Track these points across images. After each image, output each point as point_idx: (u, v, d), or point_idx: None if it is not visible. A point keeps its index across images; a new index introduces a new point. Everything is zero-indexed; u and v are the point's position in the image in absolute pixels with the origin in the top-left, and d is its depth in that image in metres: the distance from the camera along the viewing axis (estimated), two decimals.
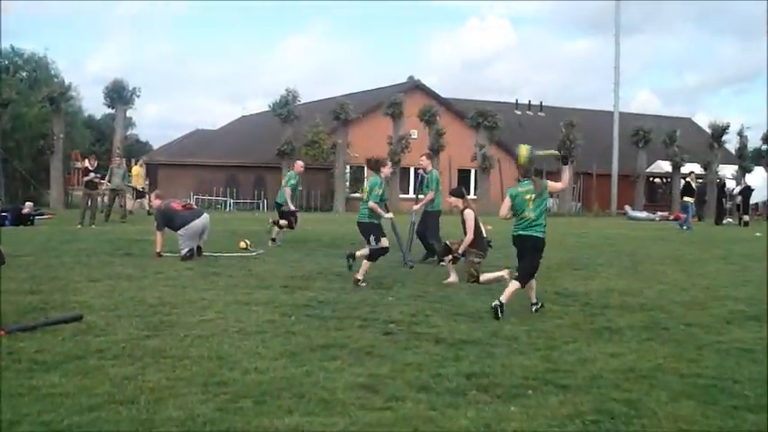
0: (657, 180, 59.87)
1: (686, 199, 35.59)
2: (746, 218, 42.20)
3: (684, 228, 34.18)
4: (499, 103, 61.36)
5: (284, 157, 44.61)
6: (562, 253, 19.82)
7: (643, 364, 8.50)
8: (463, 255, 14.40)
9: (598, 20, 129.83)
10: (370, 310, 11.36)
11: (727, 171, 53.92)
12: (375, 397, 7.05)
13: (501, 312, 10.91)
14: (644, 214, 46.41)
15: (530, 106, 67.38)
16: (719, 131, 56.34)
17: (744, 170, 54.61)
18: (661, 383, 7.72)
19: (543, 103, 68.26)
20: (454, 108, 53.34)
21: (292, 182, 21.33)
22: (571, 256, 18.06)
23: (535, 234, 11.66)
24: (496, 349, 9.05)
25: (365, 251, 14.63)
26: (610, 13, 53.84)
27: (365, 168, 13.93)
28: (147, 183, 30.31)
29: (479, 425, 6.40)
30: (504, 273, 13.74)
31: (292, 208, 21.51)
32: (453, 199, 15.07)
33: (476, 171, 49.56)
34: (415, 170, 49.09)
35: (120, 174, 31.14)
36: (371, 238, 14.29)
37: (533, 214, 11.70)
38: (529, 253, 11.72)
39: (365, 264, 14.30)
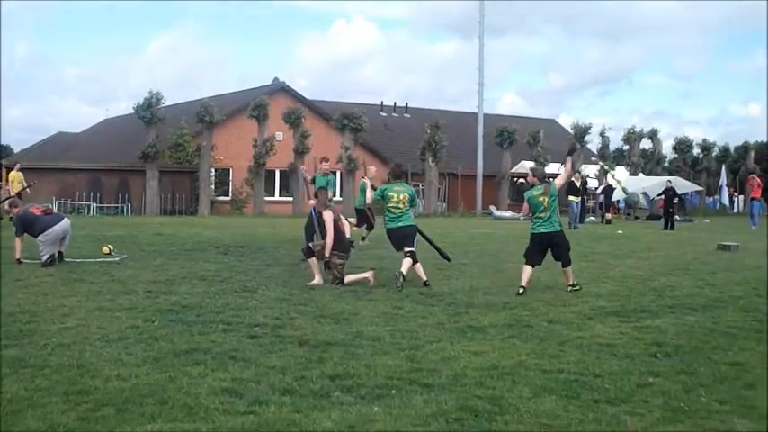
0: (522, 180, 60.67)
1: (571, 198, 36.26)
2: (608, 216, 43.16)
3: (573, 227, 34.71)
4: (365, 105, 61.46)
5: (148, 159, 43.97)
6: (427, 253, 19.88)
7: (506, 362, 8.64)
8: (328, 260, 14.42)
9: (465, 22, 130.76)
10: (234, 313, 11.29)
11: (590, 171, 55.01)
12: (238, 401, 7.01)
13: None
14: (508, 214, 46.91)
15: (395, 108, 67.63)
16: (582, 132, 57.49)
17: (605, 170, 55.78)
18: (523, 380, 7.87)
19: (409, 105, 68.63)
20: (320, 110, 53.26)
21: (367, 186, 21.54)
22: (436, 256, 18.13)
23: (553, 229, 14.46)
24: (360, 350, 9.11)
25: (409, 259, 14.82)
26: (476, 15, 54.00)
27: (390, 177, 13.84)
28: (27, 186, 29.32)
29: (343, 426, 6.42)
30: (368, 274, 13.84)
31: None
32: (313, 201, 15.25)
33: (341, 173, 49.52)
34: (281, 172, 49.18)
35: None
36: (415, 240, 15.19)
37: (548, 212, 14.29)
38: (554, 246, 14.55)
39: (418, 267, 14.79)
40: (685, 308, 12.58)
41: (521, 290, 13.74)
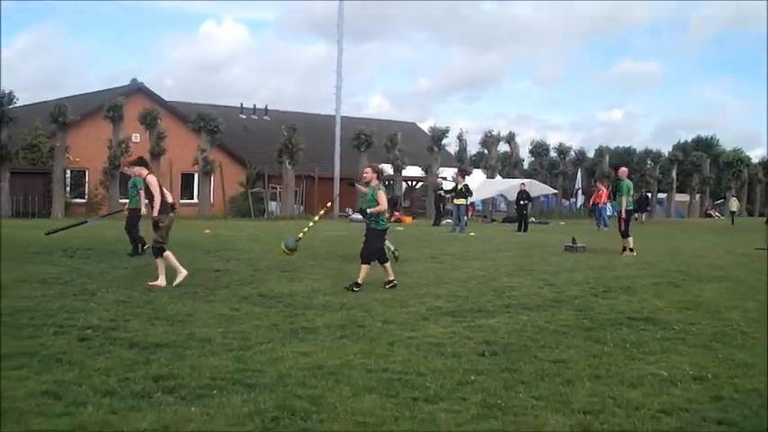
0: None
1: (457, 201, 36.67)
2: (465, 219, 43.61)
3: (457, 230, 35.17)
4: (225, 107, 61.20)
5: (1, 162, 42.96)
6: (273, 255, 19.87)
7: (333, 361, 8.68)
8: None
9: (331, 25, 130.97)
10: (68, 316, 11.07)
11: (448, 174, 55.59)
12: (57, 403, 6.92)
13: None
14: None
15: (255, 110, 67.35)
16: (439, 135, 58.01)
17: (463, 173, 56.42)
18: (346, 379, 7.92)
19: (269, 108, 68.37)
20: (177, 112, 52.72)
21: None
22: (283, 258, 18.12)
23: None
24: (189, 351, 9.05)
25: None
26: (346, 18, 54.06)
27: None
28: None
29: (157, 426, 6.40)
30: (181, 276, 13.96)
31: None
32: (136, 168, 15.37)
33: (198, 175, 49.14)
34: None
35: None
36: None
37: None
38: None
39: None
40: (521, 307, 12.80)
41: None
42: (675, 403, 7.38)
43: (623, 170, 24.84)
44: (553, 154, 68.51)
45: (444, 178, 53.97)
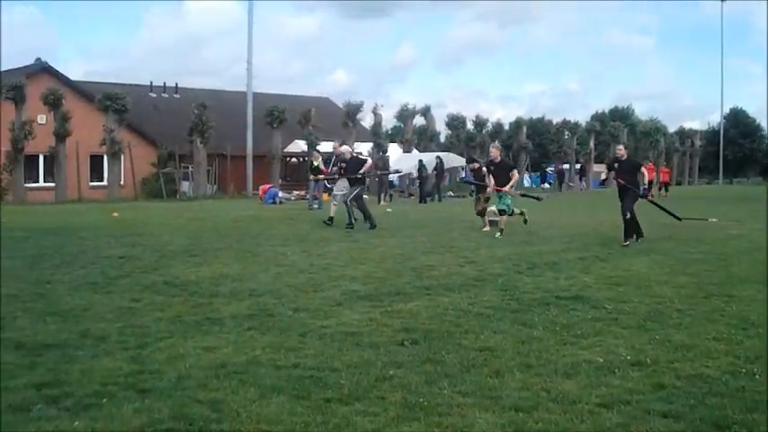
0: (294, 160, 60.02)
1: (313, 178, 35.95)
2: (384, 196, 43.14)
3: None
4: (133, 85, 59.74)
5: None
6: (181, 239, 19.07)
7: (238, 358, 7.94)
8: None
9: None
10: None
11: (363, 149, 55.06)
12: None
13: None
14: (280, 194, 46.27)
15: (165, 88, 65.97)
16: (354, 110, 57.33)
17: (379, 147, 55.91)
18: (252, 379, 7.18)
19: (179, 85, 67.04)
20: (83, 90, 51.23)
21: None
22: (191, 242, 17.36)
23: None
24: (80, 352, 8.21)
25: None
26: None
27: None
28: None
29: None
30: None
31: None
32: None
33: (106, 156, 47.87)
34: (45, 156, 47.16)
35: None
36: None
37: None
38: None
39: None
40: (442, 288, 12.18)
41: None
42: (615, 394, 6.75)
43: None
44: (470, 126, 68.20)
45: (360, 153, 53.35)
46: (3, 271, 13.90)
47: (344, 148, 24.92)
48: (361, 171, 23.28)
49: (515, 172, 22.22)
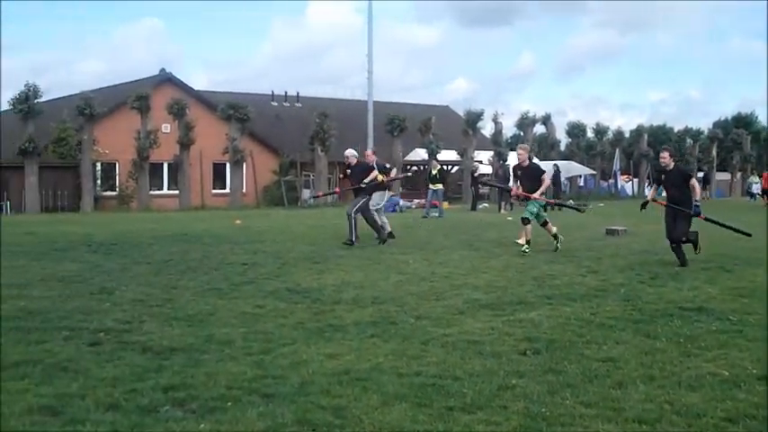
0: (414, 168, 60.21)
1: (433, 187, 36.00)
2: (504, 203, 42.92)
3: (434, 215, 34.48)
4: (255, 94, 60.53)
5: (26, 155, 42.54)
6: (303, 246, 19.29)
7: (361, 365, 7.96)
8: None
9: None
10: (82, 318, 10.39)
11: (483, 157, 54.98)
12: (52, 421, 6.27)
13: None
14: (400, 202, 46.36)
15: (286, 97, 66.69)
16: (474, 118, 57.26)
17: (499, 156, 55.76)
18: (375, 386, 7.19)
19: (300, 94, 67.71)
20: (206, 100, 52.15)
21: None
22: (312, 249, 17.53)
23: None
24: (206, 356, 8.35)
25: None
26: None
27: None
28: None
29: None
30: None
31: None
32: None
33: (229, 164, 48.67)
34: (169, 164, 48.05)
35: None
36: None
37: None
38: None
39: None
40: (564, 298, 12.06)
41: None
42: (741, 409, 6.60)
43: None
44: (590, 134, 67.59)
45: (480, 161, 53.28)
46: (131, 276, 14.29)
47: (349, 151, 22.06)
48: (366, 181, 20.89)
49: (545, 177, 19.36)
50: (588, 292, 12.69)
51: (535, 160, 56.78)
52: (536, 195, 18.81)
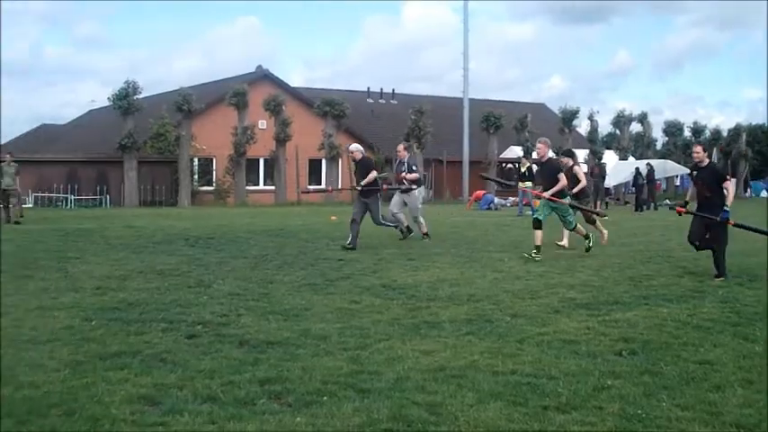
0: (510, 166, 59.98)
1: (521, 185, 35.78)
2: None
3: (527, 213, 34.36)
4: (350, 91, 60.78)
5: (126, 150, 43.30)
6: (398, 243, 19.33)
7: (456, 362, 7.96)
8: None
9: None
10: (180, 311, 10.58)
11: (579, 155, 54.61)
12: (153, 410, 6.39)
13: None
14: (495, 200, 46.25)
15: (382, 94, 66.89)
16: (570, 116, 56.93)
17: (595, 154, 55.33)
18: (470, 383, 7.18)
19: (395, 91, 67.85)
20: (303, 97, 52.55)
21: None
22: (408, 245, 17.55)
23: None
24: (302, 350, 8.43)
25: None
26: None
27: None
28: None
29: None
30: None
31: None
32: None
33: (325, 160, 48.96)
34: (265, 160, 48.47)
35: (11, 173, 28.93)
36: None
37: None
38: None
39: None
40: (660, 299, 11.92)
41: None
42: None
43: None
44: (687, 133, 66.73)
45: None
46: (228, 270, 14.50)
47: (354, 146, 20.44)
48: (362, 183, 19.21)
49: (563, 176, 17.60)
50: (685, 293, 12.54)
51: (630, 159, 56.48)
52: (546, 195, 17.42)
